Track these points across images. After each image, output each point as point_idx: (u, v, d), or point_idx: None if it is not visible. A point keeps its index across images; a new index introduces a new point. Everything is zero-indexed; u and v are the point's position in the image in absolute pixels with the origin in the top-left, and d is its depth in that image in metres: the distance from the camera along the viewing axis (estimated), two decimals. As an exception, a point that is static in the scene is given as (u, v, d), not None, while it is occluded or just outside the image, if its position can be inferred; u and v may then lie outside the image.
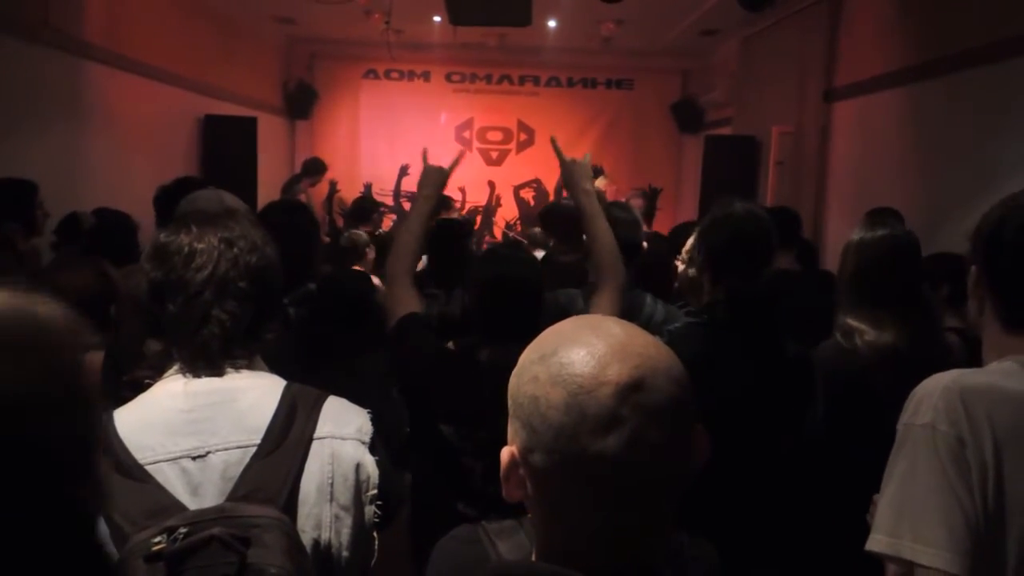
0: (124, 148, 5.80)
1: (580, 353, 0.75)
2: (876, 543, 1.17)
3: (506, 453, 0.80)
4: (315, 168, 8.21)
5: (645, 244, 2.95)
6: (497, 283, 2.00)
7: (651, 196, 6.54)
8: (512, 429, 0.80)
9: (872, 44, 5.35)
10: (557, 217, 4.31)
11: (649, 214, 6.04)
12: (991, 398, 1.15)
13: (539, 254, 4.20)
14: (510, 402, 0.81)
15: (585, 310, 2.34)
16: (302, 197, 7.40)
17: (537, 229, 5.98)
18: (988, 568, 1.11)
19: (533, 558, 0.83)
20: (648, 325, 2.38)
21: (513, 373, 0.82)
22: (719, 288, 2.07)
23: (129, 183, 5.46)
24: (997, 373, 1.21)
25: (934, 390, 1.19)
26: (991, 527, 1.11)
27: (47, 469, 0.62)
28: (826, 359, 2.05)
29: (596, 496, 0.74)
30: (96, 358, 1.94)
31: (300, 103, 9.93)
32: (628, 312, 2.47)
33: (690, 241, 3.03)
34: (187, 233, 1.25)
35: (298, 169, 9.04)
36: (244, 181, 6.70)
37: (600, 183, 7.51)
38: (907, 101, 4.87)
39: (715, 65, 9.05)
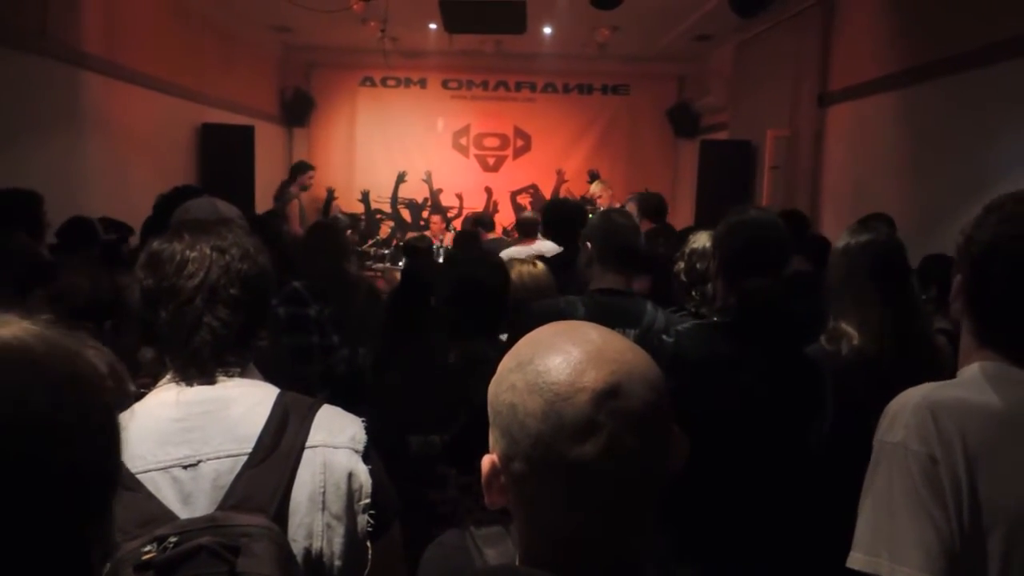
0: (122, 157, 5.82)
1: (556, 360, 0.76)
2: (855, 560, 1.19)
3: (487, 461, 0.81)
4: (299, 169, 7.81)
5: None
6: (461, 284, 2.14)
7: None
8: (492, 438, 0.81)
9: (866, 48, 5.38)
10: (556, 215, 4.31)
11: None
12: (962, 414, 1.16)
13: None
14: (490, 411, 0.81)
15: (585, 316, 2.36)
16: (294, 204, 7.26)
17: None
18: None
19: (517, 563, 0.84)
20: (649, 333, 2.40)
21: (492, 382, 0.82)
22: (733, 292, 2.09)
23: (127, 191, 5.49)
24: (965, 386, 1.22)
25: (905, 407, 1.20)
26: (969, 543, 1.12)
27: (69, 499, 0.61)
28: None
29: (575, 501, 0.75)
30: None
31: (297, 111, 9.96)
32: (630, 318, 2.49)
33: (694, 244, 3.04)
34: (180, 241, 1.26)
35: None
36: (241, 189, 6.72)
37: (595, 188, 7.54)
38: (901, 104, 4.89)
39: (710, 70, 9.07)
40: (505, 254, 4.05)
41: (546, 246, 4.33)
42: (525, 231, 5.16)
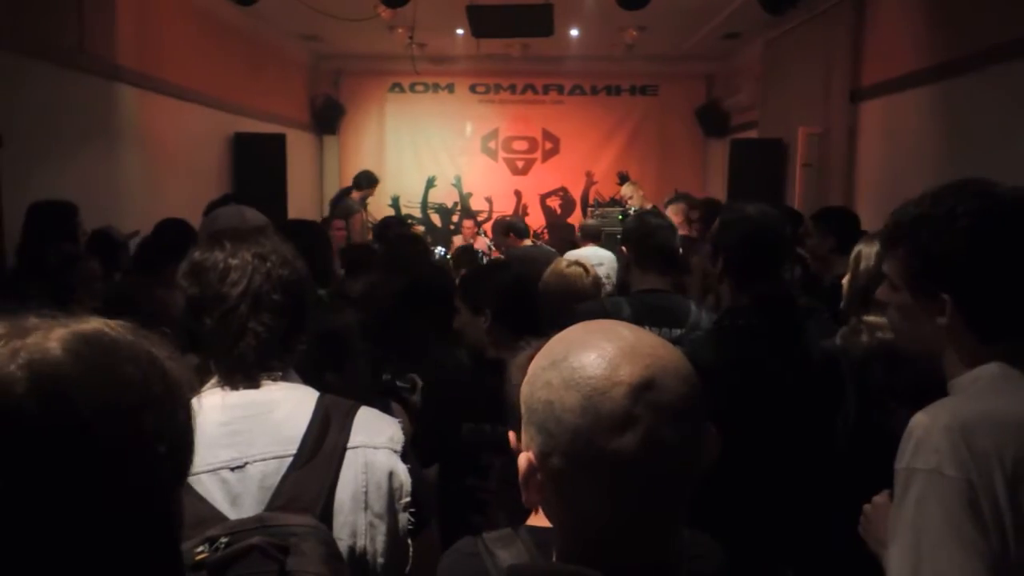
0: (157, 167, 5.94)
1: (591, 356, 0.78)
2: None
3: (523, 459, 0.81)
4: (365, 181, 7.80)
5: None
6: (517, 284, 2.20)
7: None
8: (527, 435, 0.82)
9: (898, 42, 5.30)
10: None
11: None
12: (994, 431, 1.11)
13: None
14: (523, 409, 0.83)
15: (631, 316, 2.38)
16: (358, 217, 7.08)
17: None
18: None
19: (554, 559, 0.85)
20: (694, 332, 2.40)
21: (524, 381, 0.84)
22: (743, 293, 2.07)
23: (162, 201, 5.59)
24: (984, 398, 1.17)
25: (931, 430, 1.13)
26: (1018, 565, 1.08)
27: (159, 462, 0.66)
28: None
29: (614, 495, 0.76)
30: None
31: (327, 118, 10.06)
32: (674, 318, 2.49)
33: None
34: (221, 250, 1.29)
35: (328, 182, 9.09)
36: (274, 196, 6.82)
37: (626, 190, 7.52)
38: (935, 99, 4.82)
39: (739, 68, 9.01)
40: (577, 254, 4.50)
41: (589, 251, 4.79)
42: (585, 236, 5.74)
